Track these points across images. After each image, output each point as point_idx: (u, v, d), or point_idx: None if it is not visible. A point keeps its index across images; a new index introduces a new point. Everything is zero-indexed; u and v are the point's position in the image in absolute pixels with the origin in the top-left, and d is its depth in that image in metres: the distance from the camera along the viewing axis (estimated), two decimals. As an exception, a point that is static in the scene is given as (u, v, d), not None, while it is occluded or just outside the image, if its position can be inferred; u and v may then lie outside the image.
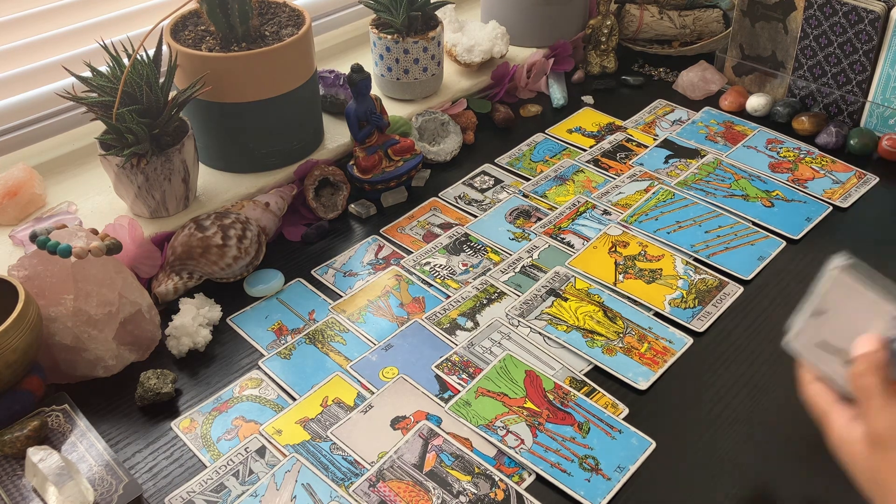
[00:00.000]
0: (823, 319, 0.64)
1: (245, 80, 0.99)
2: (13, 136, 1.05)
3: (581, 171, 1.14)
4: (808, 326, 0.65)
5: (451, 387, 0.83)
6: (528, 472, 0.75)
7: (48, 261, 0.82)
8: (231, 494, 0.74)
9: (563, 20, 1.34)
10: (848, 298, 0.62)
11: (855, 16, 1.12)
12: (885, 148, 1.13)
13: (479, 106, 1.25)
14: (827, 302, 0.63)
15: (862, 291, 0.61)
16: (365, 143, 1.07)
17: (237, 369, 0.87)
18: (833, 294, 0.63)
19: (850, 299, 0.62)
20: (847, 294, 0.62)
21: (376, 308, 0.93)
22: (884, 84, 1.14)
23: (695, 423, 0.80)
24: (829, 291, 0.63)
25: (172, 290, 0.92)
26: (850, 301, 0.62)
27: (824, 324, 0.64)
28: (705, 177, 1.11)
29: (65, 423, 0.77)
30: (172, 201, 0.98)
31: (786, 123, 1.22)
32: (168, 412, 0.82)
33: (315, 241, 1.03)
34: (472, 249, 1.01)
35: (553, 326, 0.89)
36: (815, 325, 0.64)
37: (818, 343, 0.64)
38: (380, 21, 1.19)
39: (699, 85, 1.29)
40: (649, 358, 0.86)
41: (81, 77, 0.91)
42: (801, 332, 0.65)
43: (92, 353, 0.82)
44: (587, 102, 1.29)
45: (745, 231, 1.02)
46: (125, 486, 0.72)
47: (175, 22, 1.06)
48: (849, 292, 0.62)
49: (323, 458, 0.77)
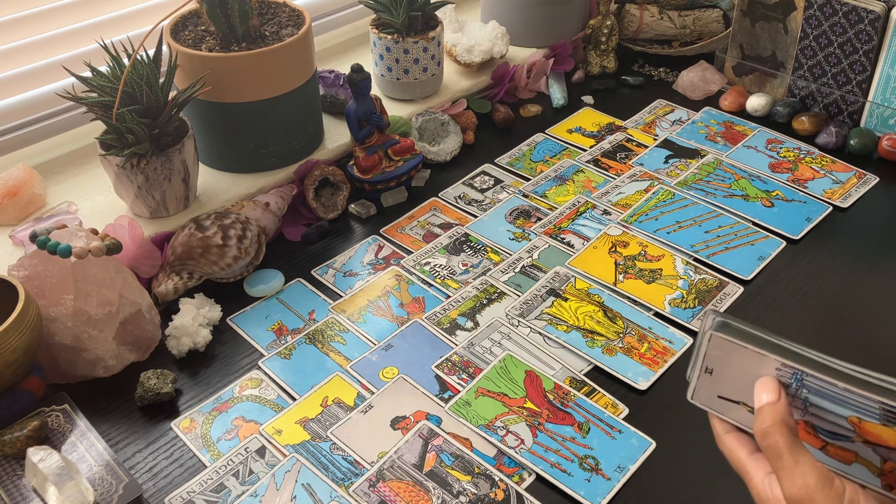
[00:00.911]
0: (715, 377, 0.63)
1: (245, 80, 0.99)
2: (13, 136, 1.05)
3: (581, 171, 1.14)
4: (703, 383, 0.64)
5: (451, 387, 0.83)
6: (528, 472, 0.75)
7: (48, 261, 0.82)
8: (231, 494, 0.74)
9: (563, 20, 1.34)
10: (731, 356, 0.61)
11: (855, 16, 1.12)
12: (885, 148, 1.13)
13: (479, 106, 1.25)
14: (712, 361, 0.62)
15: (742, 348, 0.60)
16: (365, 143, 1.07)
17: (237, 369, 0.87)
18: (715, 354, 0.62)
19: (734, 356, 0.61)
20: (729, 352, 0.61)
21: (376, 308, 0.93)
22: (884, 84, 1.14)
23: (695, 423, 0.80)
24: (709, 352, 0.62)
25: (172, 290, 0.92)
26: (735, 358, 0.61)
27: (717, 380, 0.63)
28: (705, 177, 1.11)
29: (65, 423, 0.77)
30: (172, 201, 0.98)
31: (786, 123, 1.22)
32: (168, 412, 0.82)
33: (315, 241, 1.03)
34: (472, 249, 1.01)
35: (553, 326, 0.89)
36: (708, 382, 0.64)
37: (719, 396, 0.63)
38: (380, 21, 1.19)
39: (699, 85, 1.29)
40: (649, 358, 0.86)
41: (81, 77, 0.91)
42: (697, 389, 0.64)
43: (92, 353, 0.82)
44: (587, 102, 1.29)
45: (745, 231, 1.02)
46: (125, 486, 0.72)
47: (175, 22, 1.06)
48: (730, 350, 0.61)
49: (323, 458, 0.77)
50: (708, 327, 0.62)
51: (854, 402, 0.56)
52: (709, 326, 0.62)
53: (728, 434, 0.63)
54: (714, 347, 0.62)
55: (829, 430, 0.59)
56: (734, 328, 0.61)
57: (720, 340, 0.61)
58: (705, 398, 0.64)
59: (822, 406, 0.58)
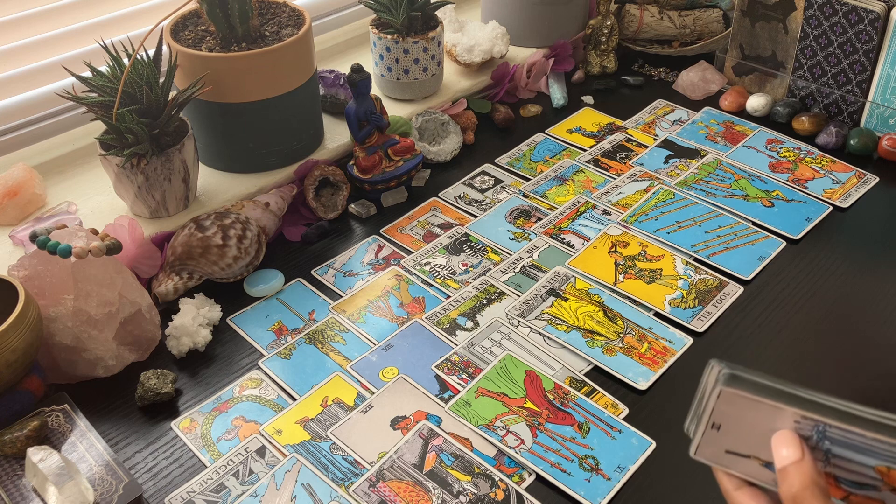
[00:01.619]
0: (723, 432, 0.58)
1: (245, 80, 0.99)
2: (13, 136, 1.05)
3: (581, 171, 1.14)
4: (709, 439, 0.59)
5: (451, 387, 0.83)
6: (528, 472, 0.75)
7: (48, 261, 0.82)
8: (231, 494, 0.74)
9: (563, 20, 1.34)
10: (743, 411, 0.57)
11: (855, 16, 1.12)
12: (885, 148, 1.13)
13: (479, 106, 1.25)
14: (720, 417, 0.57)
15: (755, 401, 0.56)
16: (365, 143, 1.07)
17: (237, 369, 0.87)
18: (724, 409, 0.57)
19: (746, 411, 0.56)
20: (741, 407, 0.57)
21: (376, 308, 0.93)
22: (884, 84, 1.14)
23: (695, 423, 0.80)
24: (717, 408, 0.57)
25: (172, 290, 0.92)
26: (747, 412, 0.56)
27: (725, 435, 0.58)
28: (705, 177, 1.11)
29: (65, 423, 0.77)
30: (172, 201, 0.98)
31: (786, 123, 1.22)
32: (168, 412, 0.82)
33: (315, 241, 1.03)
34: (472, 249, 1.01)
35: (553, 326, 0.89)
36: (715, 438, 0.59)
37: (727, 451, 0.59)
38: (380, 21, 1.19)
39: (699, 85, 1.29)
40: (649, 358, 0.86)
41: (81, 77, 0.91)
42: (702, 445, 0.59)
43: (92, 353, 0.82)
44: (587, 102, 1.29)
45: (745, 231, 1.02)
46: (125, 486, 0.72)
47: (175, 22, 1.06)
48: (742, 406, 0.56)
49: (323, 458, 0.77)
50: (715, 381, 0.57)
51: (883, 451, 0.52)
52: (716, 380, 0.57)
53: (739, 490, 0.58)
54: (724, 402, 0.57)
55: (852, 480, 0.55)
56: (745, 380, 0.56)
57: (731, 395, 0.56)
58: (711, 454, 0.60)
59: (846, 456, 0.55)
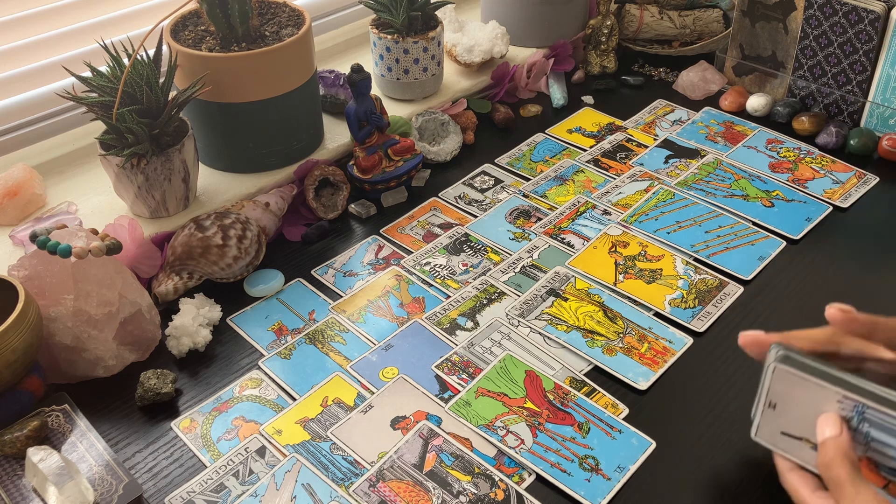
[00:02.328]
0: (778, 411, 0.65)
1: (245, 80, 0.99)
2: (13, 136, 1.05)
3: (581, 171, 1.14)
4: (766, 419, 0.66)
5: (451, 387, 0.83)
6: (528, 472, 0.75)
7: (48, 261, 0.82)
8: (231, 494, 0.74)
9: (563, 20, 1.34)
10: (793, 389, 0.63)
11: (855, 16, 1.12)
12: (885, 148, 1.13)
13: (479, 106, 1.25)
14: (775, 395, 0.65)
15: (804, 380, 0.62)
16: (365, 143, 1.07)
17: (237, 369, 0.87)
18: (778, 387, 0.64)
19: (796, 389, 0.63)
20: (791, 385, 0.63)
21: (376, 308, 0.93)
22: (884, 84, 1.14)
23: (695, 423, 0.80)
24: (772, 386, 0.65)
25: (172, 290, 0.92)
26: (797, 391, 0.63)
27: (780, 415, 0.65)
28: (705, 177, 1.11)
29: (65, 423, 0.77)
30: (172, 201, 0.98)
31: (786, 123, 1.22)
32: (168, 412, 0.82)
33: (315, 241, 1.03)
34: (472, 249, 1.01)
35: (553, 326, 0.89)
36: (771, 418, 0.66)
37: (782, 433, 0.66)
38: (380, 21, 1.19)
39: (699, 85, 1.29)
40: (649, 358, 0.86)
41: (81, 77, 0.91)
42: (761, 426, 0.67)
43: (92, 353, 0.82)
44: (587, 102, 1.29)
45: (745, 231, 1.02)
46: (125, 486, 0.72)
47: (175, 22, 1.06)
48: (792, 383, 0.63)
49: (323, 458, 0.77)
50: (771, 360, 0.64)
51: None
52: (772, 359, 0.64)
53: (791, 472, 0.65)
54: (777, 380, 0.64)
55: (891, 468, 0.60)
56: (796, 361, 0.63)
57: (782, 373, 0.63)
58: (769, 435, 0.67)
59: (885, 441, 0.59)
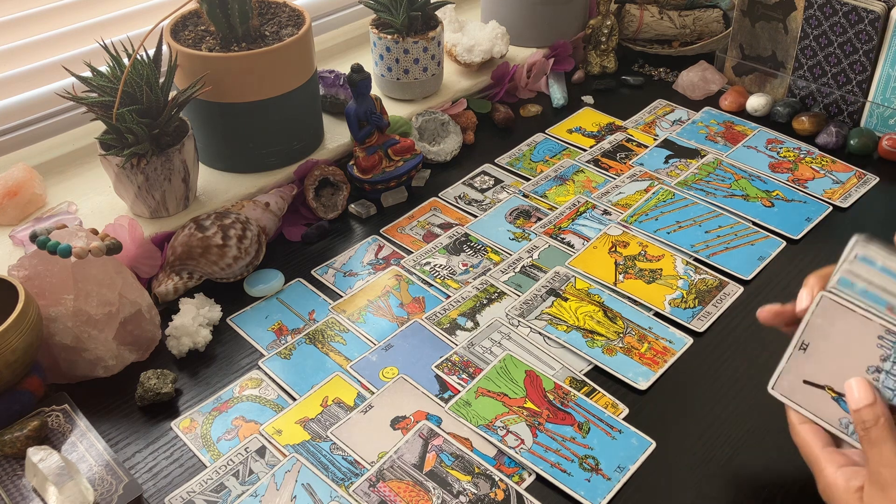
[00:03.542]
0: (808, 353, 0.64)
1: (245, 80, 0.99)
2: (13, 136, 1.05)
3: (581, 171, 1.14)
4: (792, 364, 0.65)
5: (451, 387, 0.83)
6: (528, 472, 0.75)
7: (48, 261, 0.82)
8: (231, 494, 0.74)
9: (563, 20, 1.34)
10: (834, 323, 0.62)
11: (855, 16, 1.12)
12: (885, 148, 1.13)
13: (479, 106, 1.25)
14: (812, 332, 0.63)
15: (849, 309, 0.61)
16: (365, 143, 1.07)
17: (237, 369, 0.87)
18: (818, 321, 0.63)
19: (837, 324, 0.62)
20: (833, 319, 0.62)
21: (376, 308, 0.93)
22: (884, 84, 1.14)
23: (695, 423, 0.80)
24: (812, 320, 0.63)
25: (172, 290, 0.92)
26: (837, 326, 0.62)
27: (808, 358, 0.64)
28: (705, 177, 1.11)
29: (65, 423, 0.77)
30: (172, 201, 0.98)
31: (786, 123, 1.22)
32: (168, 412, 0.82)
33: (315, 241, 1.03)
34: (472, 249, 1.01)
35: (553, 326, 0.89)
36: (798, 362, 0.64)
37: (804, 381, 0.64)
38: (380, 21, 1.19)
39: (699, 85, 1.29)
40: (649, 358, 0.86)
41: (81, 77, 0.91)
42: (783, 374, 0.65)
43: (92, 353, 0.82)
44: (587, 102, 1.29)
45: (745, 231, 1.02)
46: (125, 486, 0.72)
47: (175, 22, 1.06)
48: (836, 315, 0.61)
49: (323, 458, 0.77)
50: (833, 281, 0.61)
51: None
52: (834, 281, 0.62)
53: (803, 424, 0.64)
54: (820, 312, 0.62)
55: None
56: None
57: (830, 303, 0.61)
58: (788, 385, 0.65)
59: None
